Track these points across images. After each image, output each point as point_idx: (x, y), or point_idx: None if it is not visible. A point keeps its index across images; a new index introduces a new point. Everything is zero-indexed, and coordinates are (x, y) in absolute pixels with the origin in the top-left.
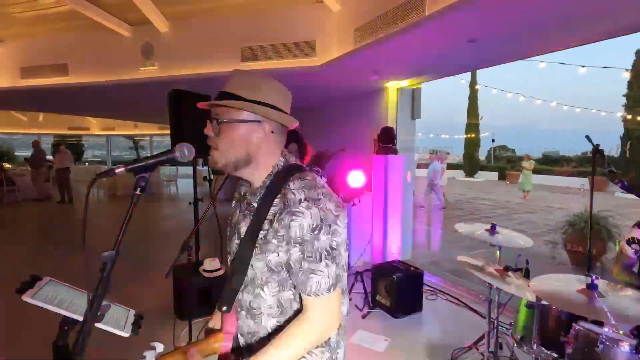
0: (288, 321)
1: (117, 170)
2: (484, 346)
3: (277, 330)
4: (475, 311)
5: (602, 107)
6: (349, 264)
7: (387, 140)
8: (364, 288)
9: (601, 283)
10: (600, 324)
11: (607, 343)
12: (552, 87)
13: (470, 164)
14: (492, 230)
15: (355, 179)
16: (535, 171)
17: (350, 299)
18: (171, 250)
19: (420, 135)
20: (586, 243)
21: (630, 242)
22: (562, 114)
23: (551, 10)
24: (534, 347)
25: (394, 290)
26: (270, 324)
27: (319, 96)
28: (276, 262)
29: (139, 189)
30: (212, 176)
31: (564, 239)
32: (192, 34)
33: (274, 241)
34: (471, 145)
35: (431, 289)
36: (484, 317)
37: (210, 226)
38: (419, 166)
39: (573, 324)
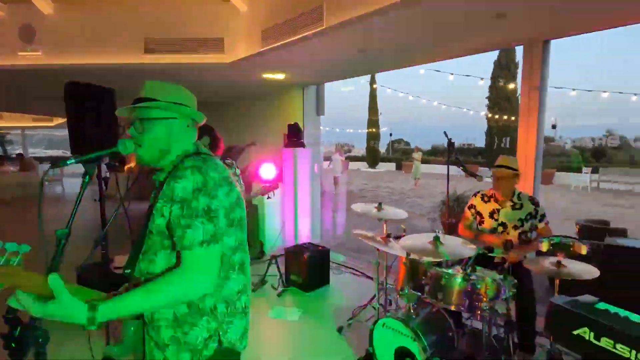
0: None
1: (68, 162)
2: (374, 300)
3: None
4: (372, 278)
5: (471, 107)
6: (262, 251)
7: (294, 134)
8: (279, 270)
9: (444, 237)
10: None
11: (447, 277)
12: (432, 89)
13: (372, 156)
14: (379, 207)
15: (267, 171)
16: (424, 161)
17: (265, 282)
18: (80, 250)
19: (327, 130)
20: (453, 216)
21: (470, 207)
22: (442, 112)
23: (418, 36)
24: (406, 290)
25: (304, 268)
26: None
27: (230, 92)
28: (163, 225)
29: (87, 176)
30: (108, 174)
31: (440, 215)
32: (85, 18)
33: (161, 201)
34: (372, 139)
35: (337, 264)
36: (381, 285)
37: (118, 224)
38: (326, 159)
39: (428, 270)
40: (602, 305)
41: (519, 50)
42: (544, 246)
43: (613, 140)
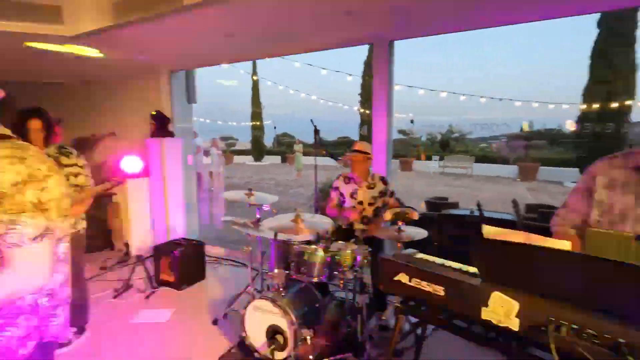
0: None
1: None
2: (250, 287)
3: None
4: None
5: (345, 102)
6: (128, 253)
7: (161, 123)
8: (146, 270)
9: (305, 214)
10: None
11: (310, 252)
12: (310, 83)
13: (258, 149)
14: (249, 193)
15: (131, 164)
16: (306, 154)
17: (130, 286)
18: None
19: (208, 122)
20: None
21: (334, 189)
22: (321, 106)
23: (276, 26)
24: (275, 271)
25: (176, 265)
26: None
27: (79, 71)
28: None
29: None
30: None
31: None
32: None
33: None
34: (257, 132)
35: (215, 258)
36: (256, 270)
37: None
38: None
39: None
40: (420, 256)
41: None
42: (388, 215)
43: (454, 133)
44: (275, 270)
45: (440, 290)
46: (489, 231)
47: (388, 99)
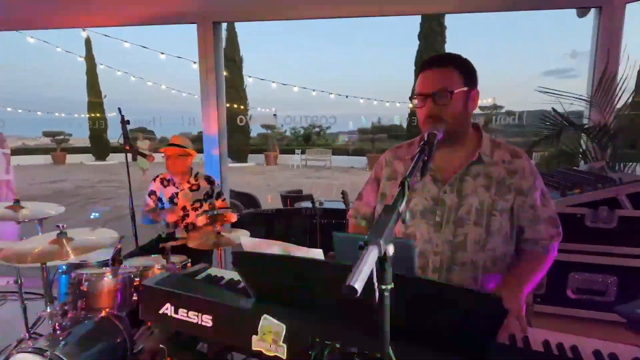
0: None
1: None
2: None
3: None
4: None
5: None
6: None
7: None
8: None
9: (76, 230)
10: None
11: (89, 279)
12: (150, 69)
13: (100, 147)
14: (16, 205)
15: None
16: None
17: None
18: None
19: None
20: None
21: (150, 193)
22: (174, 97)
23: None
24: (47, 309)
25: None
26: None
27: None
28: None
29: None
30: None
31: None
32: None
33: None
34: (98, 126)
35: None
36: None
37: None
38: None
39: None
40: (209, 272)
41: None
42: (200, 221)
43: (315, 128)
44: (47, 309)
45: (208, 321)
46: (246, 243)
47: (218, 87)
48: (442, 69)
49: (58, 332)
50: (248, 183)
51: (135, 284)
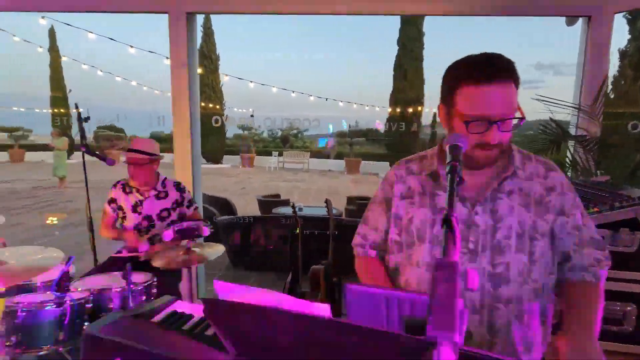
0: None
1: None
2: None
3: None
4: None
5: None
6: None
7: None
8: None
9: (15, 250)
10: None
11: (26, 310)
12: (119, 64)
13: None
14: None
15: None
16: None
17: None
18: None
19: None
20: None
21: (110, 201)
22: (144, 95)
23: None
24: None
25: None
26: None
27: None
28: None
29: None
30: None
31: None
32: None
33: None
34: (62, 122)
35: None
36: None
37: None
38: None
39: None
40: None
41: (219, 42)
42: (167, 235)
43: (292, 130)
44: None
45: None
46: (222, 288)
47: (190, 83)
48: (505, 83)
49: None
50: (222, 185)
51: (87, 311)
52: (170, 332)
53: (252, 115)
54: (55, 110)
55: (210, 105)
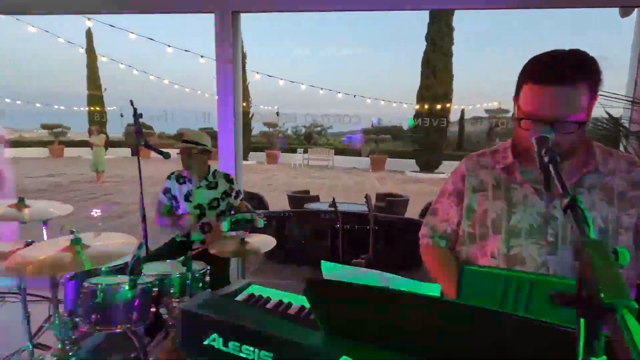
0: None
1: None
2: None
3: None
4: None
5: (204, 89)
6: None
7: None
8: None
9: (92, 235)
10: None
11: (104, 290)
12: (154, 63)
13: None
14: (20, 204)
15: None
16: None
17: None
18: None
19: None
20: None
21: (165, 191)
22: (177, 93)
23: None
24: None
25: None
26: None
27: None
28: None
29: None
30: None
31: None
32: None
33: None
34: (97, 120)
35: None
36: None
37: None
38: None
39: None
40: (252, 291)
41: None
42: (225, 226)
43: (316, 127)
44: (56, 321)
45: (267, 359)
46: (327, 269)
47: (235, 81)
48: (567, 85)
49: (67, 347)
50: (249, 181)
51: (153, 294)
52: (260, 312)
53: (277, 113)
54: (91, 108)
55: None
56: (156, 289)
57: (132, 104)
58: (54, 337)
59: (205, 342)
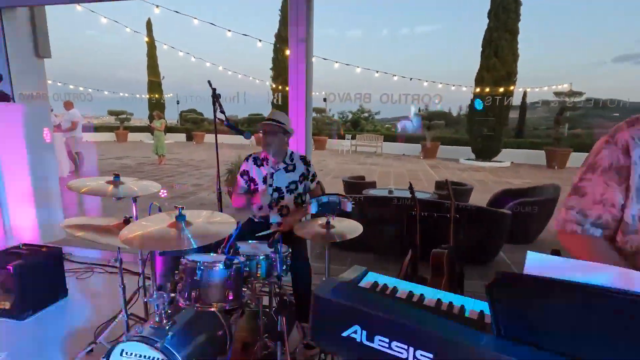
0: None
1: None
2: (122, 315)
3: None
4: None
5: (256, 75)
6: None
7: None
8: None
9: (189, 213)
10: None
11: (203, 268)
12: (211, 48)
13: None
14: (115, 181)
15: None
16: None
17: None
18: None
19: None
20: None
21: (243, 173)
22: (230, 79)
23: None
24: (154, 296)
25: (13, 284)
26: None
27: None
28: None
29: None
30: None
31: (226, 183)
32: None
33: None
34: (157, 106)
35: (86, 265)
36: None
37: None
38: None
39: (183, 259)
40: (374, 278)
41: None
42: (313, 208)
43: (363, 113)
44: (154, 295)
45: None
46: (534, 260)
47: (307, 58)
48: None
49: (164, 321)
50: None
51: (244, 275)
52: (401, 304)
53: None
54: (151, 95)
55: (287, 88)
56: (247, 269)
57: (210, 84)
58: (148, 309)
59: (344, 334)
